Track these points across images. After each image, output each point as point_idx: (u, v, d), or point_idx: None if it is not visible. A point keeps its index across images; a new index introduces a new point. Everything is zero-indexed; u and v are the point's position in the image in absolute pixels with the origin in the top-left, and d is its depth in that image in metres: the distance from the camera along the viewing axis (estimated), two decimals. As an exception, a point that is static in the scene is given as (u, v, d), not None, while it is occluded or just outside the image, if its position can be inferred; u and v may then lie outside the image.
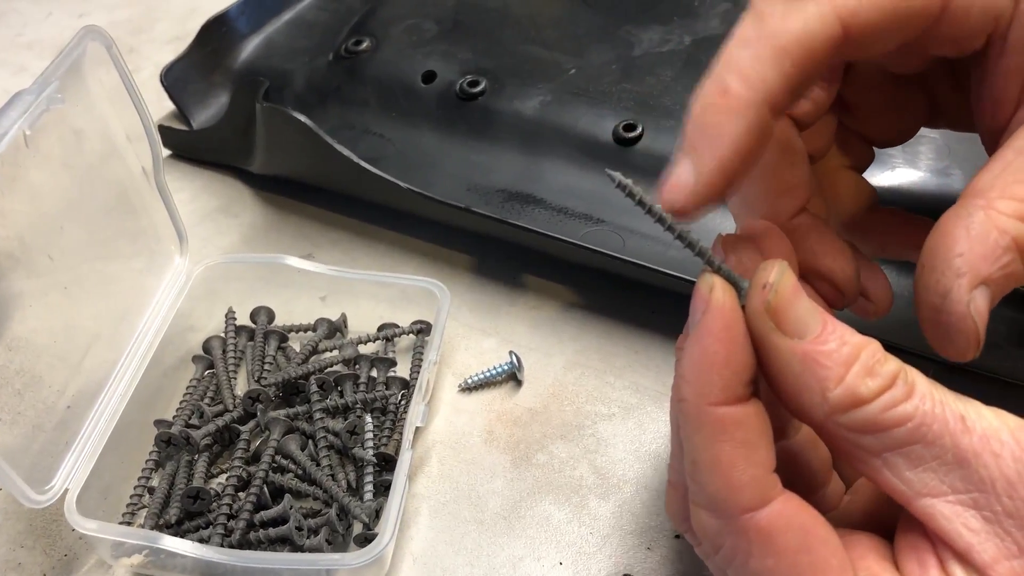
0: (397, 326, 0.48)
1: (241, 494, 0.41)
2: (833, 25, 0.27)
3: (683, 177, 0.26)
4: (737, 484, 0.25)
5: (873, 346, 0.26)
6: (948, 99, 0.34)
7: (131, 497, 0.42)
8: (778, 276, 0.26)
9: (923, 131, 0.47)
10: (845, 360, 0.25)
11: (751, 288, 0.26)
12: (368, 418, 0.43)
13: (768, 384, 0.27)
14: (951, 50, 0.29)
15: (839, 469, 0.32)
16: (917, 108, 0.35)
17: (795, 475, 0.31)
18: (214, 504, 0.41)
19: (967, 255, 0.27)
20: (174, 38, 0.74)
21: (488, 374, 0.47)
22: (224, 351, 0.48)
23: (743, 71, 0.26)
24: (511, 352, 0.47)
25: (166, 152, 0.61)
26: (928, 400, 0.25)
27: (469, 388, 0.47)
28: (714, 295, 0.26)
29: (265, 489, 0.41)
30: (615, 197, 0.49)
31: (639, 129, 0.51)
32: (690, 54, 0.55)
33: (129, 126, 0.45)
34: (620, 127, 0.51)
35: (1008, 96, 0.29)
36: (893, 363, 0.26)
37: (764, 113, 0.26)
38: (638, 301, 0.50)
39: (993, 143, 0.30)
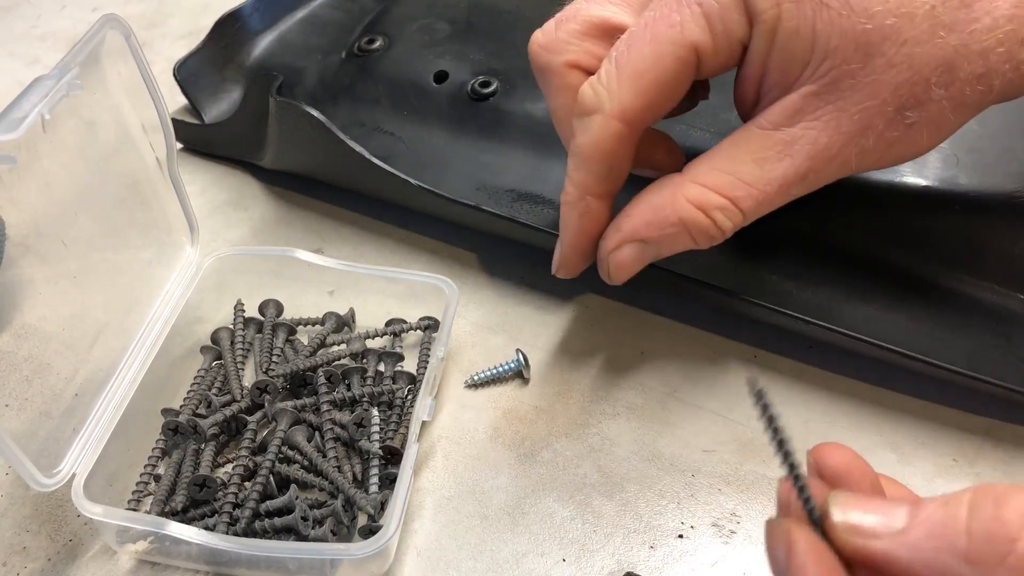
0: (405, 322, 0.49)
1: (247, 483, 0.42)
2: (616, 127, 0.37)
3: (555, 256, 0.44)
4: None
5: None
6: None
7: (137, 484, 0.42)
8: (842, 499, 0.26)
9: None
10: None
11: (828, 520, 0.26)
12: (375, 411, 0.44)
13: None
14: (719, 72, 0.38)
15: None
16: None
17: None
18: (220, 492, 0.41)
19: (633, 219, 0.39)
20: (187, 33, 0.75)
21: (495, 371, 0.47)
22: (232, 342, 0.48)
23: (572, 177, 0.40)
24: (518, 350, 0.47)
25: (177, 145, 0.61)
26: None
27: (475, 385, 0.47)
28: (795, 539, 0.25)
29: (271, 479, 0.41)
30: (623, 200, 0.50)
31: (649, 132, 0.51)
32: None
33: (144, 117, 0.46)
34: (630, 130, 0.51)
35: (748, 96, 0.38)
36: None
37: (590, 200, 0.40)
38: (645, 302, 0.50)
39: None
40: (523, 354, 0.47)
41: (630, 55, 0.36)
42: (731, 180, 0.36)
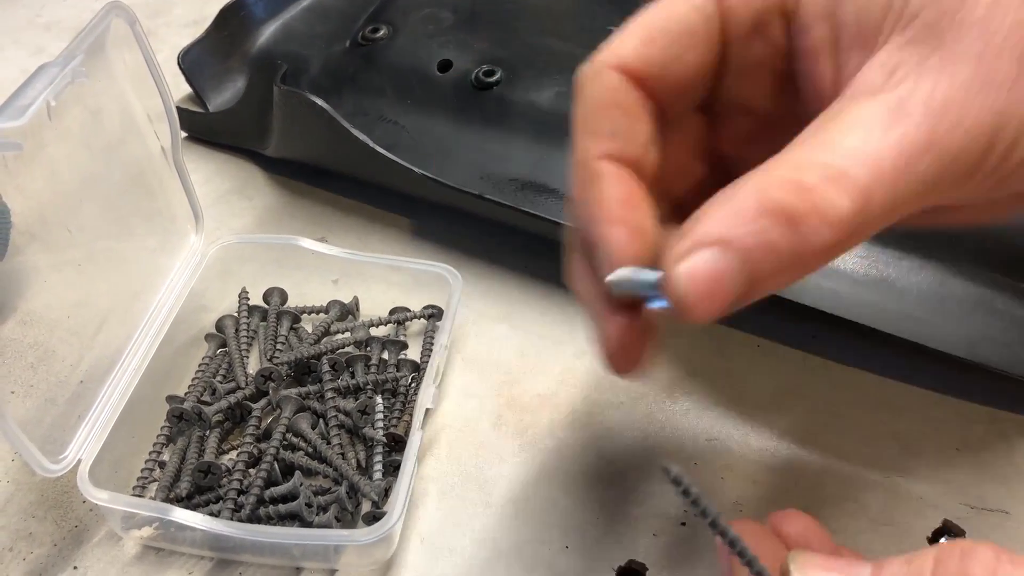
0: (409, 310, 0.49)
1: (252, 470, 0.42)
2: (610, 75, 0.29)
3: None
4: None
5: None
6: None
7: (142, 471, 0.42)
8: (802, 560, 0.26)
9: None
10: None
11: None
12: (379, 399, 0.44)
13: None
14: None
15: None
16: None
17: None
18: (225, 479, 0.41)
19: (704, 220, 0.26)
20: (191, 22, 0.75)
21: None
22: (237, 330, 0.48)
23: (574, 147, 0.31)
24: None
25: (182, 134, 0.61)
26: None
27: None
28: None
29: (276, 466, 0.42)
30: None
31: (653, 122, 0.51)
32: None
33: (149, 105, 0.46)
34: (634, 119, 0.51)
35: (822, 76, 0.29)
36: None
37: (592, 162, 0.30)
38: (648, 292, 0.50)
39: None
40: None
41: (644, 13, 0.30)
42: (834, 154, 0.25)
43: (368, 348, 0.47)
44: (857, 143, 0.25)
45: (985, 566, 0.23)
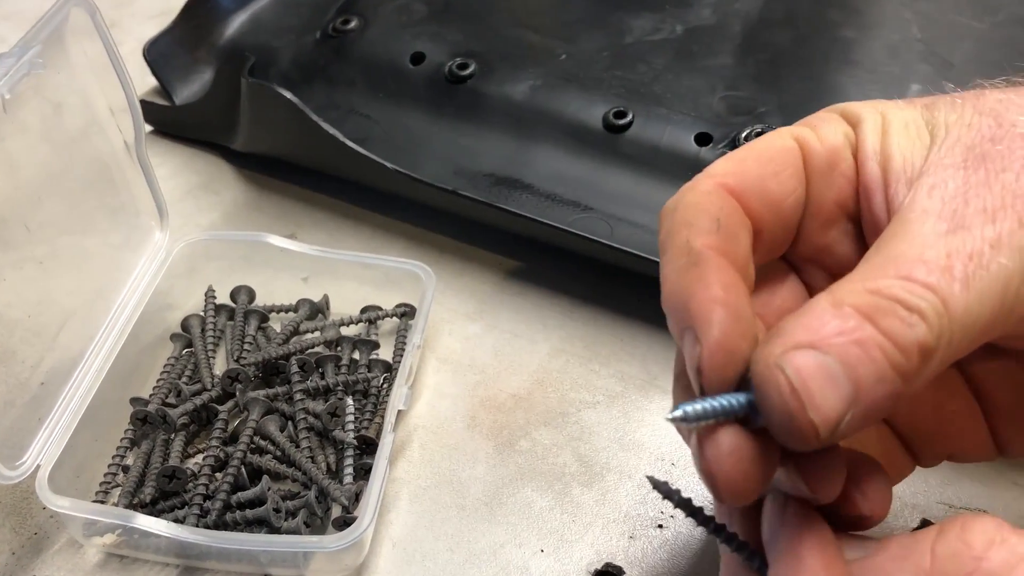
0: (380, 309, 0.48)
1: (218, 475, 0.41)
2: (709, 183, 0.29)
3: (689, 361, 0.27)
4: None
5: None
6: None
7: (105, 475, 0.41)
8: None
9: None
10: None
11: None
12: (349, 400, 0.43)
13: None
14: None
15: None
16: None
17: None
18: (190, 484, 0.40)
19: (786, 334, 0.25)
20: (158, 13, 0.73)
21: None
22: (203, 330, 0.47)
23: (669, 246, 0.29)
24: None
25: (147, 128, 0.60)
26: None
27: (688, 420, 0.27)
28: None
29: (243, 470, 0.41)
30: (604, 184, 0.50)
31: (629, 116, 0.50)
32: (681, 43, 0.55)
33: (111, 98, 0.44)
34: (610, 114, 0.50)
35: (880, 212, 0.29)
36: None
37: (701, 248, 0.28)
38: (624, 289, 0.50)
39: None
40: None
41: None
42: (901, 263, 0.25)
43: (339, 348, 0.46)
44: (938, 250, 0.25)
45: (985, 534, 0.24)
